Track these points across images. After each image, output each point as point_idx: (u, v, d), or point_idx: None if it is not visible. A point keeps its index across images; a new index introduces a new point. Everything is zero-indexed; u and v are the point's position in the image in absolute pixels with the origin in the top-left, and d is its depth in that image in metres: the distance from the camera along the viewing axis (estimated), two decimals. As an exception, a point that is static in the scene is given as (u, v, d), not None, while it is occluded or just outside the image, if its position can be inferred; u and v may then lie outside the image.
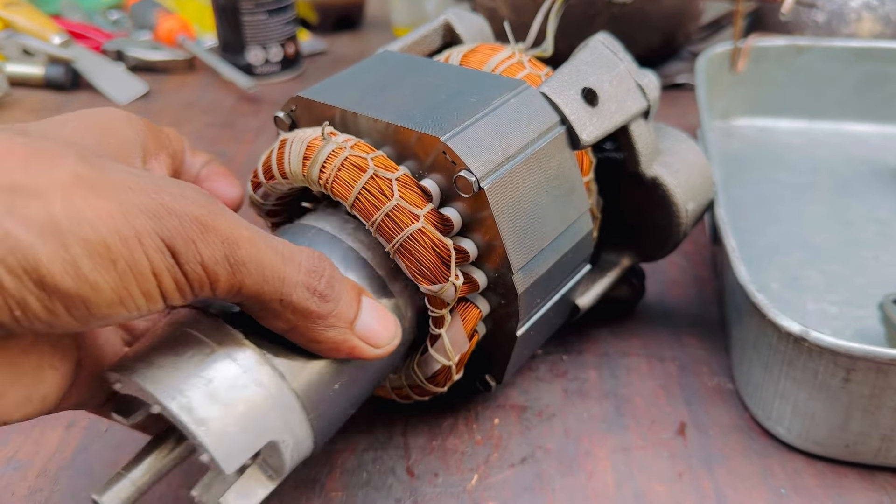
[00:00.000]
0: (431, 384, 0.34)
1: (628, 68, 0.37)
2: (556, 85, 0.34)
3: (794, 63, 0.65)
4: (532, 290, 0.33)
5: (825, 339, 0.33)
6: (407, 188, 0.31)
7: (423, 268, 0.30)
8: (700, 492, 0.34)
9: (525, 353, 0.37)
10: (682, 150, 0.40)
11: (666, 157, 0.39)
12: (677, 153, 0.40)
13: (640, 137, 0.37)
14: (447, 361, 0.32)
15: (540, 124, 0.33)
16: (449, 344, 0.32)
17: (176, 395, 0.24)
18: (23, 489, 0.35)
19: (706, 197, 0.41)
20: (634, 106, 0.37)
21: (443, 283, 0.30)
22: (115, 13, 0.94)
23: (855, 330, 0.43)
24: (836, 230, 0.53)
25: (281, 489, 0.35)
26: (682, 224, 0.39)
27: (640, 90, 0.37)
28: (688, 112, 0.74)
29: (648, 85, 0.38)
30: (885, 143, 0.64)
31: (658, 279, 0.49)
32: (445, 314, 0.32)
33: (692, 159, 0.40)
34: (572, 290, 0.37)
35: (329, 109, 0.33)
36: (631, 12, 0.74)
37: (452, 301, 0.31)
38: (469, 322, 0.33)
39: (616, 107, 0.36)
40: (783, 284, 0.47)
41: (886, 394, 0.33)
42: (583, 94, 0.35)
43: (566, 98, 0.34)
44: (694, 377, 0.41)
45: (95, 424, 0.38)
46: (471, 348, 0.33)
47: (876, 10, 0.72)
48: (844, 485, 0.35)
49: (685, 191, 0.39)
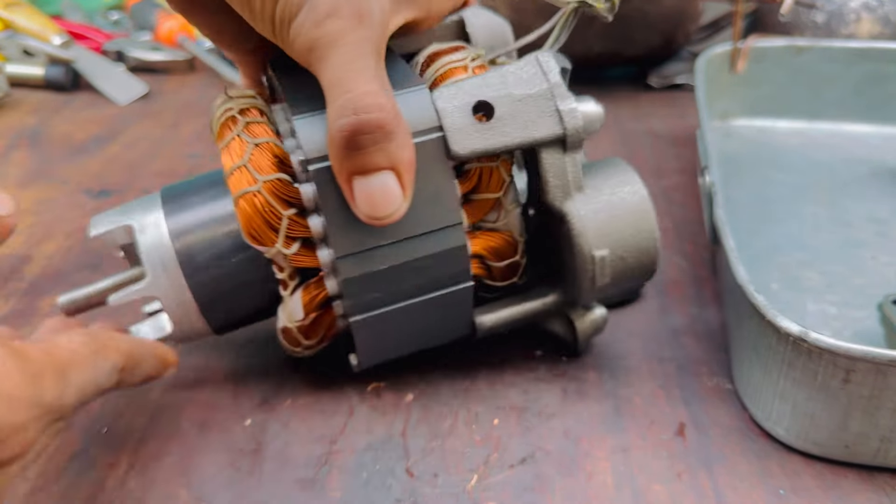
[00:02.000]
0: (283, 338, 0.37)
1: (553, 91, 0.34)
2: (448, 92, 0.34)
3: (794, 64, 0.65)
4: (364, 283, 0.34)
5: (824, 339, 0.33)
6: (262, 154, 0.34)
7: (250, 227, 0.34)
8: (699, 492, 0.34)
9: (383, 346, 0.38)
10: (619, 191, 0.36)
11: (589, 195, 0.36)
12: (610, 193, 0.36)
13: (551, 167, 0.35)
14: (283, 322, 0.36)
15: (417, 125, 0.33)
16: (286, 308, 0.36)
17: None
18: (23, 489, 0.35)
19: (637, 249, 0.36)
20: (543, 131, 0.34)
21: (269, 246, 0.34)
22: (115, 14, 0.94)
23: (854, 331, 0.43)
24: (835, 231, 0.53)
25: (281, 489, 0.35)
26: (589, 272, 0.35)
27: (557, 116, 0.34)
28: (687, 112, 0.74)
29: (572, 113, 0.34)
30: (884, 144, 0.64)
31: (658, 279, 0.49)
32: (286, 279, 0.35)
33: (628, 204, 0.36)
34: (457, 303, 0.37)
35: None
36: (631, 12, 0.74)
37: (287, 266, 0.35)
38: (308, 295, 0.35)
39: (516, 127, 0.34)
40: (782, 285, 0.47)
41: (886, 395, 0.33)
42: (474, 107, 0.33)
43: (453, 107, 0.33)
44: (693, 378, 0.41)
45: (94, 425, 0.38)
46: (308, 321, 0.36)
47: (875, 11, 0.72)
48: (844, 485, 0.35)
49: (598, 236, 0.35)
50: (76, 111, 0.77)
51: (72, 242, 0.55)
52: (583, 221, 0.35)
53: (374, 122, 0.29)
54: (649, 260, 0.36)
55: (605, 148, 0.68)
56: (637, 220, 0.36)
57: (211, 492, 0.35)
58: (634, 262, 0.36)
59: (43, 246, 0.55)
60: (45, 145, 0.69)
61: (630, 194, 0.36)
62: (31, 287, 0.50)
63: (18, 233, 0.56)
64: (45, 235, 0.56)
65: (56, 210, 0.59)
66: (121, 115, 0.75)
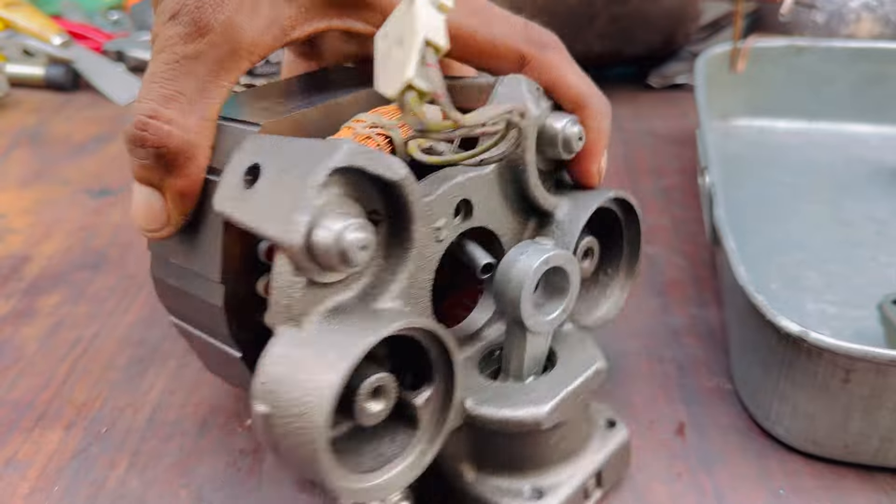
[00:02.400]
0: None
1: (306, 190, 0.25)
2: (261, 142, 0.29)
3: (794, 63, 0.65)
4: (166, 291, 0.34)
5: (824, 339, 0.33)
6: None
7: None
8: (699, 492, 0.34)
9: (207, 363, 0.36)
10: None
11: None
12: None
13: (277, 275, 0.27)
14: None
15: (221, 163, 0.30)
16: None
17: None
18: (23, 489, 0.35)
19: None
20: (273, 230, 0.26)
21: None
22: (115, 14, 0.94)
23: (854, 330, 0.43)
24: (834, 230, 0.53)
25: (281, 490, 0.35)
26: None
27: (304, 202, 0.25)
28: (687, 112, 0.74)
29: (295, 228, 0.25)
30: (884, 144, 0.64)
31: (658, 279, 0.49)
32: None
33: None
34: (229, 363, 0.33)
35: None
36: (631, 12, 0.74)
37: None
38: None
39: (259, 211, 0.27)
40: (782, 285, 0.47)
41: (885, 394, 0.33)
42: (250, 167, 0.28)
43: (239, 159, 0.29)
44: (693, 378, 0.41)
45: (95, 425, 0.38)
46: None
47: (875, 11, 0.72)
48: (843, 485, 0.35)
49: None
50: (76, 111, 0.77)
51: (72, 242, 0.55)
52: None
53: (139, 137, 0.28)
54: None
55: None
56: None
57: (211, 492, 0.35)
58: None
59: (43, 245, 0.55)
60: (46, 145, 0.70)
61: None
62: (30, 286, 0.50)
63: (18, 232, 0.56)
64: (45, 235, 0.56)
65: (56, 210, 0.59)
66: (121, 115, 0.75)
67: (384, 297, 0.28)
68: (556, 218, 0.35)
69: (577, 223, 0.34)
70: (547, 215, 0.35)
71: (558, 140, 0.33)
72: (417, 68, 0.25)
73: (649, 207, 0.58)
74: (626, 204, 0.36)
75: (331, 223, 0.25)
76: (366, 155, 0.26)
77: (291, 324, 0.27)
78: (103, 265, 0.52)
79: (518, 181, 0.33)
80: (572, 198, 0.35)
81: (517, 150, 0.32)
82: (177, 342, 0.44)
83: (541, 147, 0.34)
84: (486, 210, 0.32)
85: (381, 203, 0.28)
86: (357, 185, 0.27)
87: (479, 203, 0.32)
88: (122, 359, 0.43)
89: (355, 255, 0.25)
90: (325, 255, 0.25)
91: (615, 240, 0.38)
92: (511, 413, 0.30)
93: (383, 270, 0.29)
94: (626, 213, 0.37)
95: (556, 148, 0.33)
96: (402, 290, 0.29)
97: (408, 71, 0.25)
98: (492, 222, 0.33)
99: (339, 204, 0.26)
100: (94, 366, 0.43)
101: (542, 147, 0.34)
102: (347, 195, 0.27)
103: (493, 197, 0.33)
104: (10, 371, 0.42)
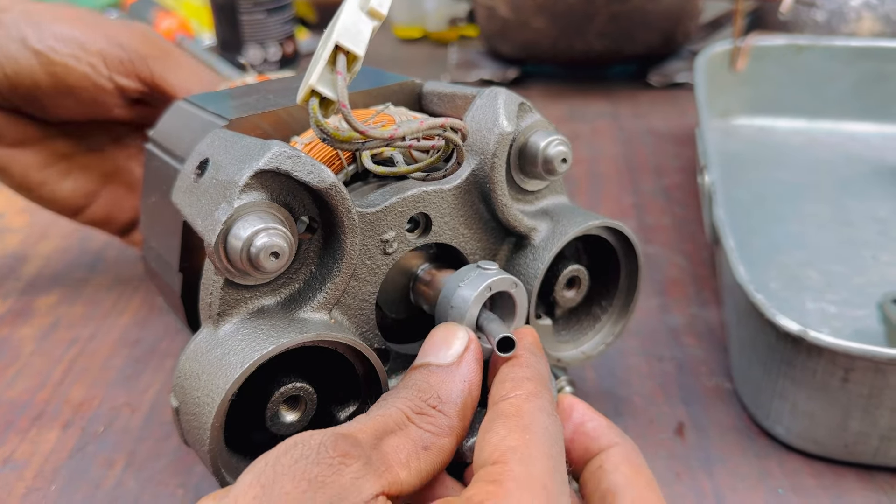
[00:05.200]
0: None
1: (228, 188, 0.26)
2: (221, 136, 0.30)
3: (794, 62, 0.65)
4: (149, 270, 0.37)
5: (824, 338, 0.33)
6: None
7: None
8: (699, 492, 0.34)
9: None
10: None
11: None
12: None
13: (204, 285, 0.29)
14: None
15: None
16: None
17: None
18: (20, 489, 0.35)
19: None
20: (201, 227, 0.27)
21: None
22: (113, 12, 0.94)
23: (854, 329, 0.43)
24: (835, 230, 0.52)
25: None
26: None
27: (226, 203, 0.26)
28: (687, 111, 0.74)
29: (214, 226, 0.25)
30: (884, 143, 0.63)
31: (657, 278, 0.49)
32: None
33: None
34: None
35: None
36: (631, 11, 0.74)
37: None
38: None
39: (193, 207, 0.28)
40: (782, 284, 0.47)
41: (885, 393, 0.33)
42: (201, 162, 0.29)
43: (199, 152, 0.30)
44: (693, 377, 0.41)
45: (92, 425, 0.38)
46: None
47: (876, 10, 0.72)
48: (843, 485, 0.35)
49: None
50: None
51: (69, 242, 0.55)
52: None
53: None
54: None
55: (606, 147, 0.68)
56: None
57: (207, 491, 0.34)
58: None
59: (40, 245, 0.55)
60: (44, 144, 0.69)
61: None
62: (28, 286, 0.50)
63: (16, 232, 0.56)
64: (42, 235, 0.56)
65: (54, 209, 0.59)
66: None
67: (308, 305, 0.28)
68: (532, 242, 0.33)
69: (550, 250, 0.32)
70: (524, 238, 0.33)
71: (538, 159, 0.31)
72: (322, 73, 0.24)
73: (649, 207, 0.58)
74: (622, 235, 0.34)
75: (245, 226, 0.25)
76: (293, 160, 0.25)
77: (211, 322, 0.27)
78: (100, 265, 0.52)
79: (487, 200, 0.32)
80: (555, 221, 0.33)
81: (481, 168, 0.31)
82: (174, 342, 0.44)
83: (523, 165, 0.32)
84: (449, 227, 0.31)
85: (316, 210, 0.27)
86: (290, 190, 0.26)
87: (440, 219, 0.31)
88: (119, 359, 0.43)
89: (266, 261, 0.25)
90: (236, 257, 0.25)
91: (614, 272, 0.36)
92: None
93: (314, 278, 0.28)
94: (622, 245, 0.35)
95: (536, 167, 0.32)
96: (329, 301, 0.28)
97: (312, 76, 0.24)
98: (455, 240, 0.32)
99: (266, 207, 0.26)
100: (91, 366, 0.43)
101: (524, 165, 0.32)
102: (277, 199, 0.26)
103: (457, 214, 0.31)
104: (7, 371, 0.42)
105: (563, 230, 0.32)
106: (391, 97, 0.36)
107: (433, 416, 0.25)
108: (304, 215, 0.27)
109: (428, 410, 0.25)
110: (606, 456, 0.27)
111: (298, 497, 0.20)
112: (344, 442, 0.22)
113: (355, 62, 0.24)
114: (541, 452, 0.23)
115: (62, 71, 0.40)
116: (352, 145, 0.25)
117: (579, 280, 0.35)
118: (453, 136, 0.26)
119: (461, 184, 0.31)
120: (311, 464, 0.21)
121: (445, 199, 0.31)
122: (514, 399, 0.25)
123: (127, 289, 0.49)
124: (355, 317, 0.30)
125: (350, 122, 0.24)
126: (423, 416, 0.25)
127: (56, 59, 0.40)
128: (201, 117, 0.32)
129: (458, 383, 0.25)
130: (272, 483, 0.21)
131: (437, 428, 0.24)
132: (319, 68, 0.24)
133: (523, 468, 0.22)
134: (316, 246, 0.28)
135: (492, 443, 0.23)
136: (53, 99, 0.41)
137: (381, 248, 0.29)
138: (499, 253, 0.33)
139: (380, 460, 0.22)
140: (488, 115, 0.31)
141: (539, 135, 0.32)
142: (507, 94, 0.32)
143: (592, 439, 0.28)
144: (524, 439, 0.23)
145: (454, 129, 0.26)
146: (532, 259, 0.32)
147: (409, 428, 0.24)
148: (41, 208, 0.46)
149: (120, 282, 0.50)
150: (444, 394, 0.25)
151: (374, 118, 0.32)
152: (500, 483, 0.22)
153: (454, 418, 0.25)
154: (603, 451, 0.27)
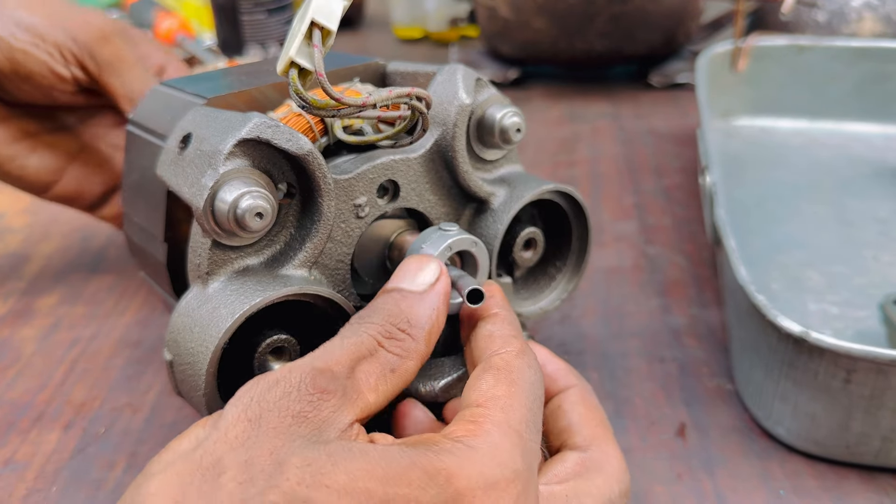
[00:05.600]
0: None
1: (212, 157, 0.28)
2: (203, 112, 0.31)
3: (795, 62, 0.65)
4: (133, 247, 0.38)
5: (825, 339, 0.33)
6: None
7: None
8: (700, 493, 0.34)
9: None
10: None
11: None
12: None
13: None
14: None
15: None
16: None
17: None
18: (20, 490, 0.35)
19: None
20: (188, 194, 0.28)
21: None
22: (114, 13, 0.94)
23: (855, 330, 0.43)
24: (836, 230, 0.52)
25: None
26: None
27: (211, 170, 0.28)
28: (688, 111, 0.74)
29: (201, 191, 0.27)
30: (886, 143, 0.63)
31: (658, 279, 0.49)
32: None
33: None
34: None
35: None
36: (632, 11, 0.74)
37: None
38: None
39: (179, 176, 0.30)
40: (783, 285, 0.47)
41: (887, 394, 0.33)
42: (185, 135, 0.30)
43: (186, 123, 0.31)
44: (694, 378, 0.41)
45: (93, 426, 0.38)
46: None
47: (877, 10, 0.72)
48: (845, 486, 0.35)
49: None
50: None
51: (70, 242, 0.55)
52: None
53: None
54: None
55: (606, 147, 0.68)
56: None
57: (209, 493, 0.35)
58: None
59: (41, 246, 0.55)
60: (45, 145, 0.69)
61: None
62: (29, 287, 0.50)
63: (17, 232, 0.56)
64: (44, 235, 0.56)
65: (54, 210, 0.58)
66: (120, 115, 0.75)
67: (290, 263, 0.30)
68: (491, 206, 0.35)
69: (508, 212, 0.35)
70: (484, 202, 0.36)
71: (495, 129, 0.34)
72: (300, 47, 0.26)
73: (650, 207, 0.58)
74: (574, 200, 0.37)
75: (230, 190, 0.27)
76: (273, 129, 0.28)
77: (200, 282, 0.29)
78: (101, 266, 0.52)
79: (450, 168, 0.34)
80: (511, 187, 0.36)
81: (443, 138, 0.33)
82: (175, 342, 0.44)
83: (481, 136, 0.35)
84: (416, 193, 0.34)
85: (294, 177, 0.30)
86: (270, 158, 0.29)
87: (407, 185, 0.33)
88: (120, 359, 0.43)
89: (251, 221, 0.27)
90: (223, 218, 0.27)
91: (567, 235, 0.39)
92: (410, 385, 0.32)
93: (294, 240, 0.31)
94: (574, 209, 0.38)
95: (493, 137, 0.34)
96: (308, 259, 0.30)
97: (291, 49, 0.26)
98: (422, 205, 0.34)
99: (248, 173, 0.28)
100: (92, 366, 0.43)
101: (483, 136, 0.35)
102: (258, 166, 0.28)
103: (423, 181, 0.34)
104: (8, 371, 0.42)
105: (520, 194, 0.35)
106: (357, 76, 0.38)
107: (402, 339, 0.26)
108: (283, 182, 0.29)
109: (397, 334, 0.26)
110: (565, 396, 0.30)
111: (284, 431, 0.22)
112: (321, 378, 0.24)
113: (329, 37, 0.27)
114: (521, 403, 0.25)
115: (22, 57, 0.41)
116: (328, 112, 0.27)
117: (535, 241, 0.37)
118: (418, 104, 0.29)
119: (426, 153, 0.34)
120: (294, 401, 0.23)
121: (412, 167, 0.33)
122: (504, 354, 0.27)
123: (128, 289, 0.49)
124: (332, 276, 0.32)
125: (326, 89, 0.26)
126: (392, 340, 0.26)
127: (16, 45, 0.41)
128: (181, 98, 0.35)
129: (427, 309, 0.27)
130: (259, 418, 0.22)
131: (404, 351, 0.26)
132: (297, 42, 0.26)
133: (503, 414, 0.24)
134: (295, 210, 0.30)
135: (480, 389, 0.25)
136: (13, 83, 0.42)
137: (355, 213, 0.32)
138: (462, 217, 0.36)
139: (353, 389, 0.24)
140: (448, 89, 0.34)
141: (495, 107, 0.35)
142: (465, 70, 0.34)
143: (553, 381, 0.31)
144: (510, 391, 0.25)
145: (419, 97, 0.29)
146: (492, 221, 0.35)
147: (378, 353, 0.26)
148: (41, 208, 0.46)
149: (121, 282, 0.50)
150: (414, 318, 0.27)
151: (345, 92, 0.35)
152: (479, 424, 0.24)
153: (421, 342, 0.27)
154: (562, 391, 0.31)
